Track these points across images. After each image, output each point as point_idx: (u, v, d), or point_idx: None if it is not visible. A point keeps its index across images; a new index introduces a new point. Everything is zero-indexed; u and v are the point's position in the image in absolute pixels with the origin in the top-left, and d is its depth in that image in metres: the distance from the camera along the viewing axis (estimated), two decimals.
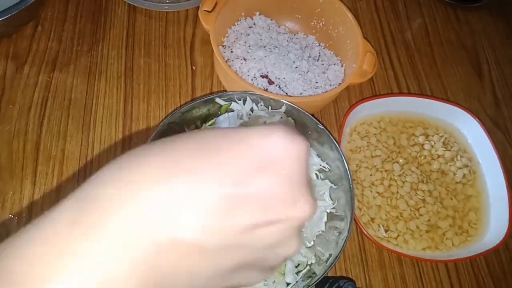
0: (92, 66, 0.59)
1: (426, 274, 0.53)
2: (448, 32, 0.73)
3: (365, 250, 0.53)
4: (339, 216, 0.47)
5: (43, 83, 0.57)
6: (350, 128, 0.59)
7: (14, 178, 0.51)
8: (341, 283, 0.45)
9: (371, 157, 0.58)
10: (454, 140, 0.61)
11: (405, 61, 0.69)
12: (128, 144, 0.55)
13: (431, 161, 0.59)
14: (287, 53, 0.59)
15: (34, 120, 0.54)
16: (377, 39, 0.70)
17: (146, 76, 0.60)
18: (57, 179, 0.51)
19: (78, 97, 0.57)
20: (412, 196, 0.56)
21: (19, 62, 0.58)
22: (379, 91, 0.65)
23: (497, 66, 0.72)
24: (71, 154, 0.53)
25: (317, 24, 0.63)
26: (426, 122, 0.62)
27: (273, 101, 0.49)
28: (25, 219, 0.49)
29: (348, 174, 0.46)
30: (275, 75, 0.57)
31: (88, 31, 0.62)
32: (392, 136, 0.60)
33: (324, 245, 0.47)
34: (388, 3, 0.74)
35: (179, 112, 0.47)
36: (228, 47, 0.60)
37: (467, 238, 0.55)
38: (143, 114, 0.57)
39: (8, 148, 0.52)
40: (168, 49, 0.62)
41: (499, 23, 0.76)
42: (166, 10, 0.64)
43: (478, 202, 0.58)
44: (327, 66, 0.61)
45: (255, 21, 0.63)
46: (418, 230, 0.54)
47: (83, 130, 0.55)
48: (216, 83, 0.61)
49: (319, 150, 0.51)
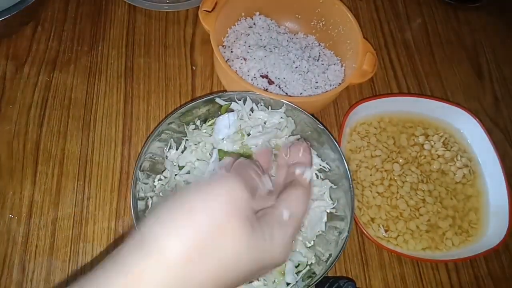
0: (92, 66, 0.59)
1: (426, 274, 0.53)
2: (448, 32, 0.73)
3: (365, 250, 0.53)
4: (339, 216, 0.47)
5: (43, 83, 0.57)
6: (350, 128, 0.59)
7: (14, 178, 0.51)
8: (341, 283, 0.45)
9: (371, 157, 0.58)
10: (454, 140, 0.61)
11: (405, 61, 0.69)
12: (128, 144, 0.55)
13: (431, 161, 0.59)
14: (287, 53, 0.59)
15: (34, 120, 0.54)
16: (377, 39, 0.70)
17: (146, 76, 0.60)
18: (57, 179, 0.51)
19: (78, 97, 0.57)
20: (412, 196, 0.56)
21: (19, 62, 0.58)
22: (379, 91, 0.65)
23: (497, 66, 0.72)
24: (71, 154, 0.53)
25: (317, 24, 0.63)
26: (426, 122, 0.62)
27: (273, 101, 0.49)
28: (25, 219, 0.49)
29: (348, 174, 0.46)
30: (275, 75, 0.57)
31: (88, 31, 0.62)
32: (392, 136, 0.60)
33: (324, 245, 0.47)
34: (388, 3, 0.74)
35: (179, 112, 0.47)
36: (228, 47, 0.60)
37: (467, 238, 0.55)
38: (143, 114, 0.57)
39: (8, 148, 0.52)
40: (168, 49, 0.62)
41: (499, 23, 0.76)
42: (166, 10, 0.64)
43: (478, 202, 0.58)
44: (327, 66, 0.61)
45: (255, 21, 0.63)
46: (418, 230, 0.54)
47: (83, 130, 0.55)
48: (216, 83, 0.61)
49: (319, 150, 0.51)
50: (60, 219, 0.49)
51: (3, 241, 0.47)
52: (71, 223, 0.49)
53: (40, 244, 0.48)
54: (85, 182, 0.52)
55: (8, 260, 0.47)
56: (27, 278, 0.46)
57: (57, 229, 0.49)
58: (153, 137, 0.46)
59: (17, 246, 0.47)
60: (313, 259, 0.46)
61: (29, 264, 0.47)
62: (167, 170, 0.49)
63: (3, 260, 0.46)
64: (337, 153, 0.47)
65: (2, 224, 0.48)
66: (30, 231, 0.48)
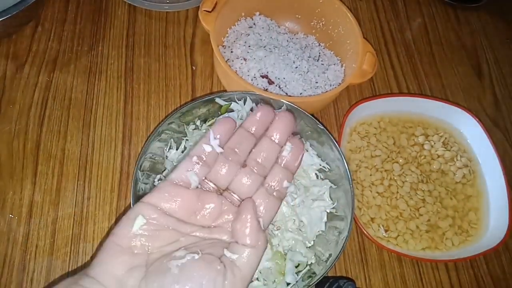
0: (92, 66, 0.59)
1: (426, 274, 0.53)
2: (448, 32, 0.73)
3: (365, 250, 0.53)
4: (339, 216, 0.47)
5: (43, 83, 0.57)
6: (350, 128, 0.59)
7: (14, 178, 0.51)
8: (341, 283, 0.45)
9: (371, 157, 0.58)
10: (454, 140, 0.61)
11: (405, 61, 0.69)
12: (128, 144, 0.55)
13: (431, 161, 0.59)
14: (287, 53, 0.59)
15: (34, 120, 0.54)
16: (377, 38, 0.70)
17: (146, 76, 0.60)
18: (57, 179, 0.51)
19: (78, 97, 0.57)
20: (412, 196, 0.56)
21: (19, 62, 0.58)
22: (379, 91, 0.65)
23: (496, 66, 0.72)
24: (71, 154, 0.53)
25: (317, 24, 0.63)
26: (426, 122, 0.62)
27: (273, 101, 0.49)
28: (25, 219, 0.49)
29: (348, 174, 0.46)
30: (275, 75, 0.57)
31: (88, 31, 0.62)
32: (392, 136, 0.60)
33: (324, 245, 0.47)
34: (388, 3, 0.74)
35: (179, 112, 0.47)
36: (228, 47, 0.60)
37: (467, 238, 0.55)
38: (143, 114, 0.57)
39: (8, 148, 0.52)
40: (168, 49, 0.62)
41: (499, 23, 0.76)
42: (166, 10, 0.64)
43: (478, 202, 0.58)
44: (327, 66, 0.61)
45: (255, 21, 0.63)
46: (418, 230, 0.54)
47: (83, 130, 0.55)
48: (216, 83, 0.61)
49: (319, 150, 0.51)
50: (60, 219, 0.49)
51: (3, 241, 0.47)
52: (71, 223, 0.49)
53: (40, 244, 0.48)
54: (85, 182, 0.52)
55: (8, 260, 0.47)
56: (27, 278, 0.46)
57: (57, 229, 0.49)
58: (153, 137, 0.46)
59: (17, 246, 0.47)
60: (313, 259, 0.46)
61: (29, 264, 0.47)
62: (167, 170, 0.49)
63: (3, 260, 0.46)
64: (337, 153, 0.47)
65: (2, 224, 0.48)
66: (30, 231, 0.48)
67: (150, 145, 0.46)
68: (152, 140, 0.46)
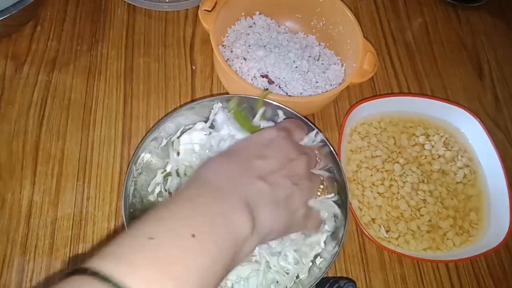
0: (92, 66, 0.59)
1: (426, 275, 0.53)
2: (448, 32, 0.73)
3: (365, 250, 0.53)
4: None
5: (43, 83, 0.57)
6: (350, 128, 0.59)
7: (13, 178, 0.50)
8: (342, 284, 0.45)
9: (371, 158, 0.58)
10: (454, 140, 0.61)
11: (405, 61, 0.69)
12: (127, 144, 0.55)
13: (432, 161, 0.59)
14: (287, 53, 0.59)
15: (33, 120, 0.54)
16: (377, 38, 0.70)
17: (145, 76, 0.60)
18: (56, 179, 0.51)
19: (77, 97, 0.57)
20: (412, 196, 0.56)
21: (19, 62, 0.58)
22: (379, 91, 0.65)
23: (497, 66, 0.71)
24: (71, 154, 0.53)
25: (317, 23, 0.62)
26: (426, 122, 0.62)
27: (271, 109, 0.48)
28: (25, 219, 0.49)
29: (342, 171, 0.45)
30: (275, 75, 0.56)
31: (88, 31, 0.62)
32: (393, 136, 0.60)
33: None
34: (388, 2, 0.74)
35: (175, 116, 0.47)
36: (228, 46, 0.59)
37: (468, 238, 0.55)
38: (142, 114, 0.57)
39: (8, 148, 0.52)
40: (168, 49, 0.62)
41: (499, 23, 0.76)
42: (166, 9, 0.64)
43: (479, 202, 0.57)
44: (327, 65, 0.60)
45: (255, 20, 0.62)
46: (419, 230, 0.54)
47: (82, 130, 0.55)
48: (216, 83, 0.61)
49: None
50: (60, 219, 0.49)
51: (2, 241, 0.47)
52: (71, 224, 0.49)
53: (39, 244, 0.48)
54: (84, 182, 0.52)
55: (7, 260, 0.46)
56: (26, 278, 0.46)
57: (57, 229, 0.49)
58: (147, 140, 0.46)
59: (17, 247, 0.47)
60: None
61: (28, 265, 0.47)
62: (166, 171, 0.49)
63: (2, 260, 0.46)
64: (328, 149, 0.46)
65: (2, 224, 0.48)
66: (29, 231, 0.48)
67: (146, 146, 0.46)
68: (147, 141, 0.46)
